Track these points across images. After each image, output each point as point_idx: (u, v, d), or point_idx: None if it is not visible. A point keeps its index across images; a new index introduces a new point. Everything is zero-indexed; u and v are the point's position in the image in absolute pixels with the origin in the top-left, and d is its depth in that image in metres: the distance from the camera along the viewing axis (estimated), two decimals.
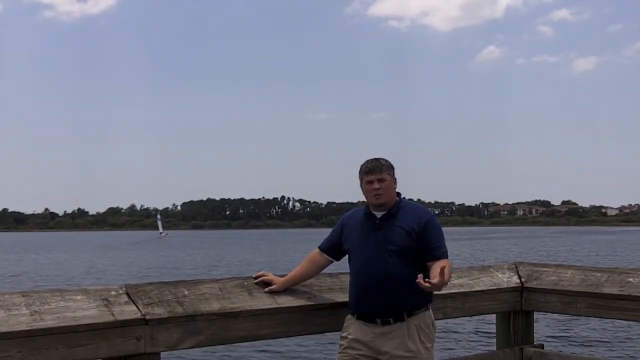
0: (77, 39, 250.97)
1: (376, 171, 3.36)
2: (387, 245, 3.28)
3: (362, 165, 3.42)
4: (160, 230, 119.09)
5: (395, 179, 3.41)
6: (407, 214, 3.34)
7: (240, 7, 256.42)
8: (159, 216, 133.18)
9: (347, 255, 3.47)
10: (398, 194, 3.43)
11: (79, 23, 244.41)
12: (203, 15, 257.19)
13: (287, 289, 3.34)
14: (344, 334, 3.38)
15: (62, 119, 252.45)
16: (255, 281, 3.32)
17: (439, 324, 3.33)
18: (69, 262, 43.96)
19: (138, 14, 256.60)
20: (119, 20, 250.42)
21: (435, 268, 3.11)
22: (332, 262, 3.53)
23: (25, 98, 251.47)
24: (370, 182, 3.36)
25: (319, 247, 3.52)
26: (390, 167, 3.40)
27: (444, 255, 3.29)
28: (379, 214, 3.37)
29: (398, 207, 3.36)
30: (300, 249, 53.06)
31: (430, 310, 3.39)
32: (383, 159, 3.41)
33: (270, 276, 3.34)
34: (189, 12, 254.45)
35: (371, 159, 3.41)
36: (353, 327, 3.34)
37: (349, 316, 3.40)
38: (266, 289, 3.29)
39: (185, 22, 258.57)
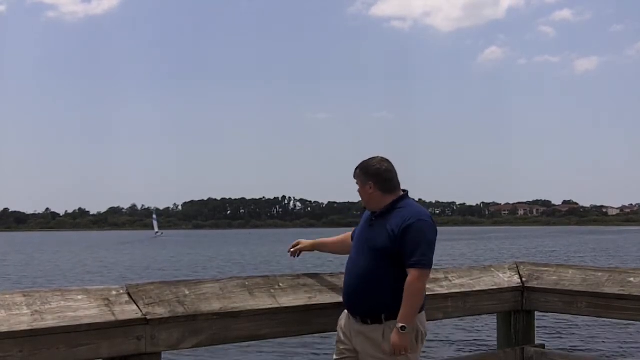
0: (81, 39, 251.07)
1: (354, 176, 3.43)
2: (370, 244, 3.27)
3: None
4: (156, 229, 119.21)
5: (371, 184, 3.30)
6: (396, 215, 3.23)
7: (243, 7, 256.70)
8: (154, 216, 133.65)
9: None
10: (404, 191, 3.36)
11: (83, 23, 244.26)
12: (205, 15, 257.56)
13: (288, 288, 3.34)
14: (338, 326, 3.41)
15: (64, 119, 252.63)
16: (290, 250, 3.67)
17: (440, 323, 3.30)
18: (53, 262, 43.51)
19: (140, 14, 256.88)
20: (121, 21, 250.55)
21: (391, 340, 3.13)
22: None
23: (28, 98, 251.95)
24: None
25: (352, 232, 3.60)
26: (360, 175, 3.35)
27: (417, 263, 3.12)
28: (376, 213, 3.34)
29: (394, 207, 3.27)
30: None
31: (423, 316, 3.28)
32: (360, 166, 3.36)
33: (302, 242, 3.70)
34: (191, 11, 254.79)
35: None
36: (344, 319, 3.38)
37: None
38: (293, 245, 3.67)
39: (187, 21, 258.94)
